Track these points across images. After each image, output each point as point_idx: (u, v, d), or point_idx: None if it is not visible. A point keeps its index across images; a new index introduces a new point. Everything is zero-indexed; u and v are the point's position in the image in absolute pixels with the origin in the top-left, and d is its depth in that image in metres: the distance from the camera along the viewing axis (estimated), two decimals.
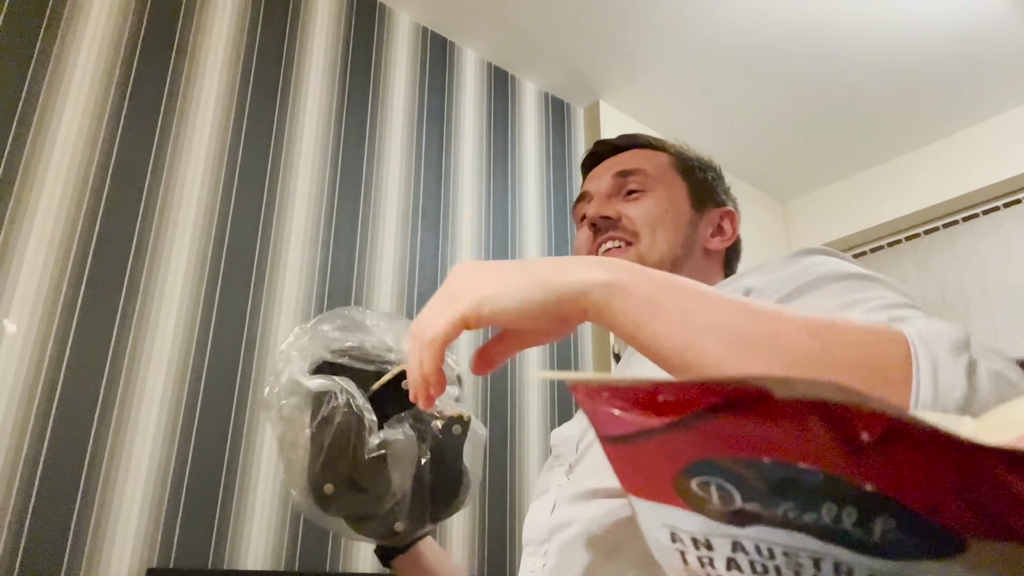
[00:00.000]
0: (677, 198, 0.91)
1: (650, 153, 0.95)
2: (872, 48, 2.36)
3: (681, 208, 0.91)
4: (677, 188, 0.92)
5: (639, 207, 0.89)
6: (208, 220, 1.67)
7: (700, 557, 0.25)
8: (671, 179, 0.92)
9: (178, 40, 1.76)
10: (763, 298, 0.67)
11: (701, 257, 0.91)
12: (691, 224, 0.91)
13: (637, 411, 0.23)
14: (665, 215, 0.89)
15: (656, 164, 0.93)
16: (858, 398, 0.19)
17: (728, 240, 0.94)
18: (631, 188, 0.91)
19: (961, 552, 0.20)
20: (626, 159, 0.94)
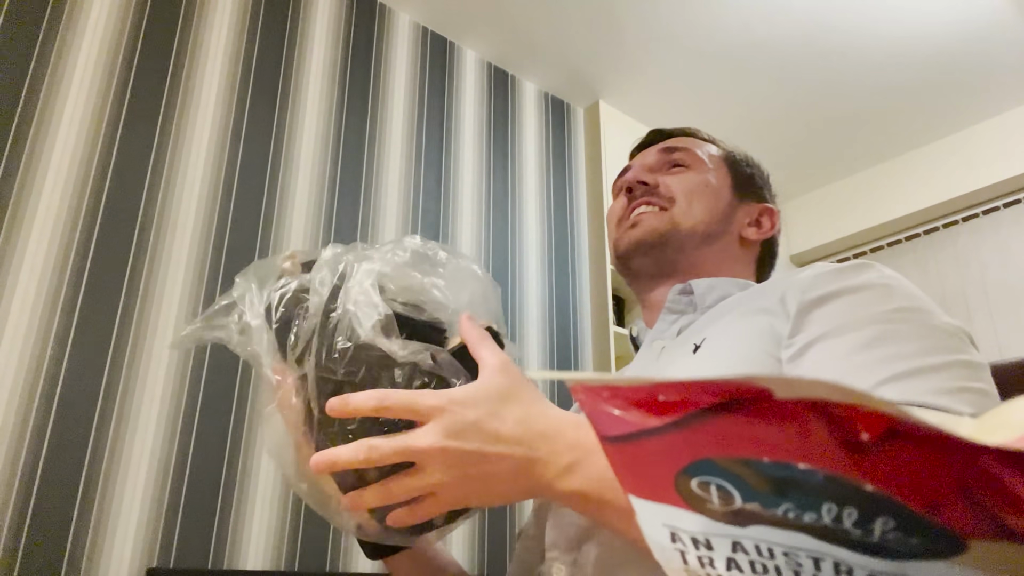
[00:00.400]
0: (720, 181, 0.89)
1: (699, 142, 0.94)
2: (871, 48, 2.36)
3: (722, 190, 0.89)
4: (721, 174, 0.91)
5: (680, 178, 0.87)
6: (208, 220, 1.67)
7: (700, 557, 0.25)
8: (717, 165, 0.91)
9: (178, 40, 1.76)
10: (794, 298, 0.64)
11: (734, 242, 0.89)
12: (730, 207, 0.89)
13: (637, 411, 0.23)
14: (706, 189, 0.87)
15: (704, 149, 0.92)
16: (858, 398, 0.19)
17: (765, 233, 0.91)
18: (675, 162, 0.90)
19: (961, 552, 0.20)
20: (675, 141, 0.94)
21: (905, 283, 0.64)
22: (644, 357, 0.81)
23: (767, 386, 0.20)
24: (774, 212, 0.93)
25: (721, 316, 0.73)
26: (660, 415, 0.23)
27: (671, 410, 0.22)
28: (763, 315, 0.66)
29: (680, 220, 0.84)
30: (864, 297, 0.62)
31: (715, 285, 0.80)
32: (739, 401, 0.21)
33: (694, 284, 0.80)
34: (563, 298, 2.32)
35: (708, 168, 0.89)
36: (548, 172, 2.46)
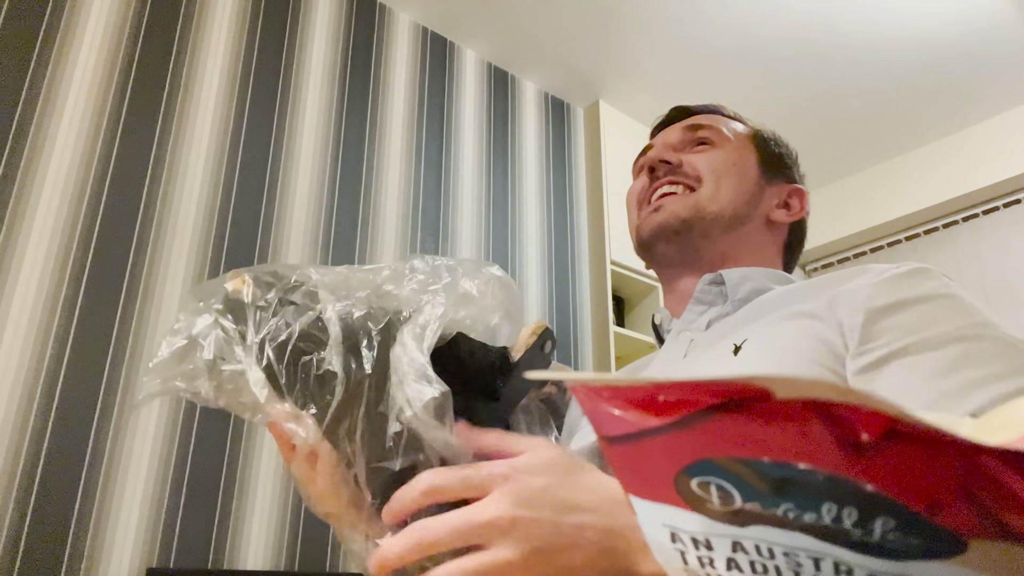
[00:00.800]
0: (747, 160, 0.84)
1: (725, 120, 0.89)
2: (872, 48, 2.36)
3: (750, 169, 0.83)
4: (748, 152, 0.85)
5: (705, 156, 0.82)
6: (208, 220, 1.67)
7: (700, 557, 0.25)
8: (743, 143, 0.86)
9: (178, 40, 1.76)
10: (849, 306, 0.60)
11: (762, 225, 0.83)
12: (757, 187, 0.83)
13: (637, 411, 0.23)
14: (733, 168, 0.82)
15: (730, 127, 0.87)
16: (858, 398, 0.19)
17: (795, 215, 0.86)
18: (700, 140, 0.84)
19: (961, 552, 0.20)
20: (704, 119, 0.89)
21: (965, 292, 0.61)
22: (671, 350, 0.76)
23: (767, 386, 0.20)
24: (804, 193, 0.88)
25: (761, 314, 0.69)
26: (660, 415, 0.23)
27: (671, 410, 0.22)
28: (809, 319, 0.62)
29: (706, 203, 0.79)
30: (936, 309, 0.58)
31: (748, 276, 0.76)
32: (739, 401, 0.21)
33: (725, 275, 0.76)
34: (563, 298, 2.32)
35: (735, 146, 0.84)
36: (548, 172, 2.46)
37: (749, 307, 0.71)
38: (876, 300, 0.59)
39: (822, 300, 0.63)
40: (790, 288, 0.72)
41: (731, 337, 0.67)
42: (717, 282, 0.76)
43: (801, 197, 0.87)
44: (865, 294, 0.61)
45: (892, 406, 0.19)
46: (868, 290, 0.61)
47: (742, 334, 0.66)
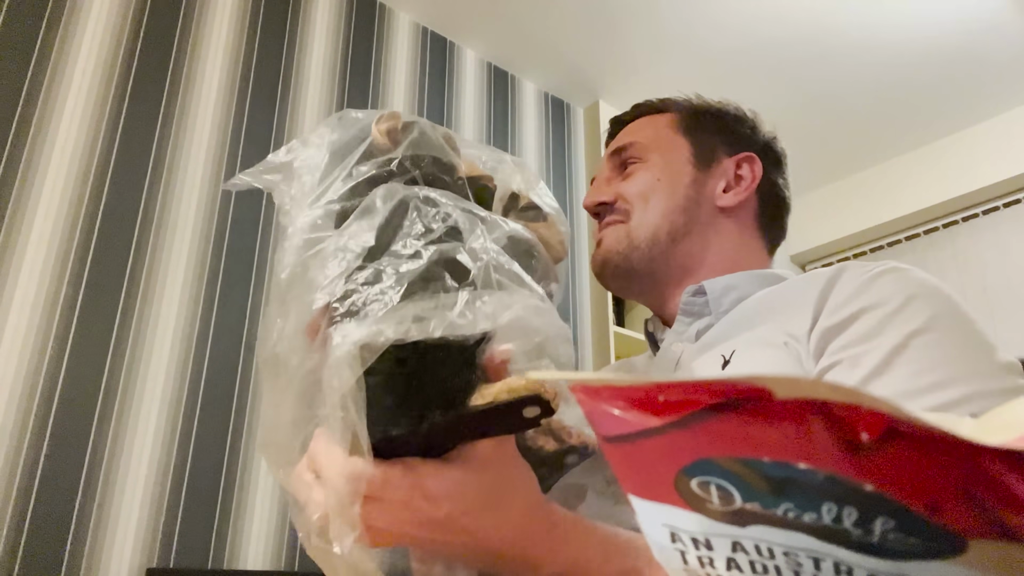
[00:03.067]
0: (675, 161, 0.82)
1: (651, 119, 0.87)
2: (872, 48, 2.36)
3: (679, 170, 0.81)
4: (677, 150, 0.83)
5: (631, 181, 0.81)
6: (208, 220, 1.68)
7: (700, 557, 0.25)
8: (669, 142, 0.83)
9: (178, 40, 1.76)
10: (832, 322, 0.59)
11: (714, 218, 0.81)
12: (694, 185, 0.81)
13: (637, 411, 0.23)
14: (657, 184, 0.80)
15: (653, 130, 0.85)
16: (858, 398, 0.19)
17: (747, 188, 0.82)
18: (625, 161, 0.84)
19: (961, 552, 0.20)
20: (625, 133, 0.87)
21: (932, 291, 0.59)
22: (662, 360, 0.76)
23: (767, 386, 0.20)
24: (752, 158, 0.83)
25: (746, 324, 0.68)
26: (660, 415, 0.23)
27: (671, 410, 0.22)
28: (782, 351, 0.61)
29: (635, 230, 0.78)
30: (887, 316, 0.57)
31: (732, 285, 0.74)
32: (739, 401, 0.21)
33: (707, 286, 0.75)
34: (563, 298, 2.32)
35: (660, 152, 0.82)
36: (548, 172, 2.46)
37: (732, 315, 0.71)
38: (835, 316, 0.60)
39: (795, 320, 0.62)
40: (771, 294, 0.71)
41: (719, 348, 0.67)
42: (700, 292, 0.75)
43: (751, 163, 0.83)
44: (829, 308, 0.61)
45: (892, 406, 0.19)
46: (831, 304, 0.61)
47: (729, 345, 0.66)
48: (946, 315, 0.57)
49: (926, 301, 0.58)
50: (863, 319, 0.58)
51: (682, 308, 0.76)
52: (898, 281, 0.60)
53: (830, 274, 0.65)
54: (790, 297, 0.66)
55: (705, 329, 0.73)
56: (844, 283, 0.63)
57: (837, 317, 0.59)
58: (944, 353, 0.54)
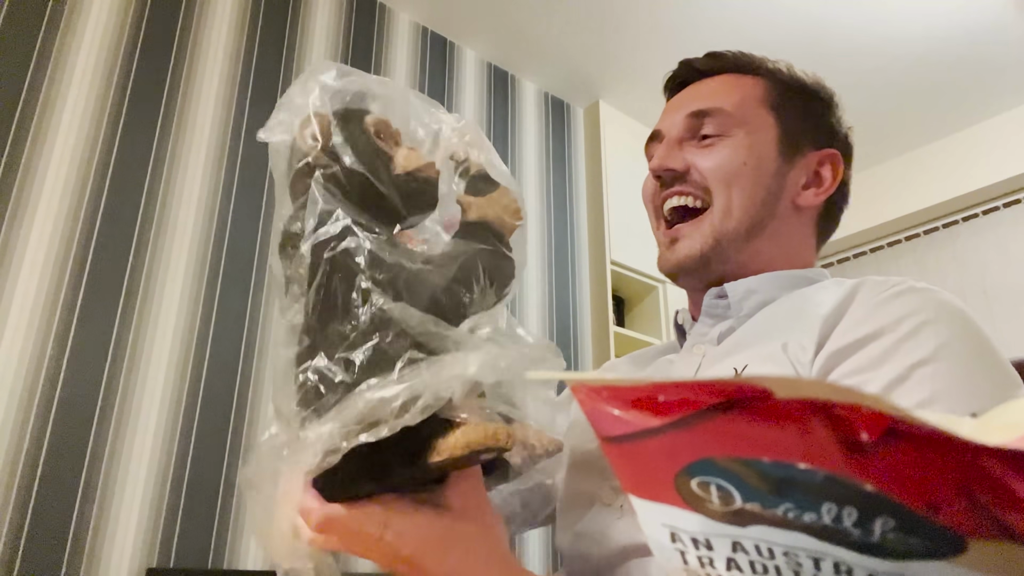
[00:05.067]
0: (762, 143, 0.75)
1: (738, 81, 0.78)
2: (872, 49, 2.36)
3: (765, 157, 0.74)
4: (764, 129, 0.75)
5: (712, 157, 0.74)
6: (208, 220, 1.67)
7: (700, 557, 0.25)
8: (758, 118, 0.76)
9: (178, 40, 1.76)
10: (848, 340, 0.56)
11: (788, 216, 0.75)
12: (777, 176, 0.75)
13: (637, 411, 0.23)
14: (743, 168, 0.73)
15: (741, 98, 0.76)
16: (858, 398, 0.19)
17: (824, 192, 0.77)
18: (705, 133, 0.75)
19: (961, 552, 0.20)
20: (707, 92, 0.78)
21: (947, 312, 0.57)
22: (685, 362, 0.73)
23: (767, 386, 0.20)
24: (836, 157, 0.78)
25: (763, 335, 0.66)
26: (660, 415, 0.23)
27: (671, 410, 0.22)
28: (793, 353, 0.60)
29: (719, 225, 0.72)
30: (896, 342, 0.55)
31: (754, 289, 0.71)
32: (739, 401, 0.21)
33: (729, 290, 0.72)
34: (563, 298, 2.32)
35: (747, 131, 0.74)
36: (548, 172, 2.46)
37: (754, 321, 0.69)
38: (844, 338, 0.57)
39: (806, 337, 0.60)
40: (792, 303, 0.68)
41: (733, 359, 0.65)
42: (722, 295, 0.73)
43: (834, 162, 0.78)
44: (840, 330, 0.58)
45: (892, 406, 0.19)
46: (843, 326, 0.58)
47: (743, 358, 0.64)
48: (958, 344, 0.54)
49: (938, 327, 0.55)
50: (870, 346, 0.56)
51: (705, 310, 0.74)
52: (911, 304, 0.57)
53: (846, 292, 0.62)
54: (808, 310, 0.64)
55: (728, 332, 0.71)
56: (858, 304, 0.60)
57: (845, 340, 0.57)
58: (947, 386, 0.52)
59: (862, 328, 0.57)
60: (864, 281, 0.63)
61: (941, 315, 0.56)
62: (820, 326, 0.59)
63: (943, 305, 0.57)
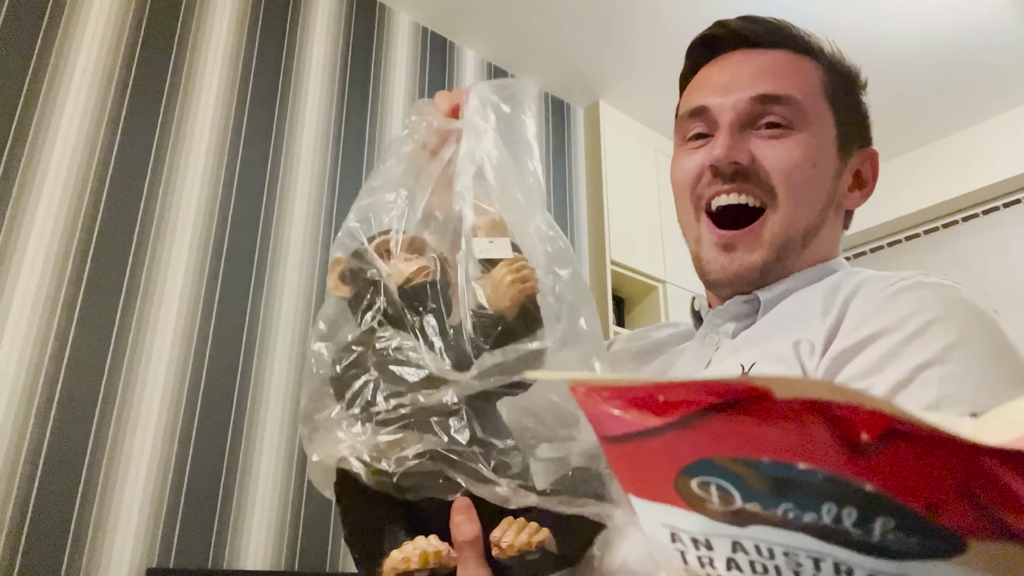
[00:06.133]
0: (825, 142, 0.67)
1: (800, 64, 0.70)
2: (872, 48, 2.36)
3: (828, 157, 0.67)
4: (826, 125, 0.68)
5: (783, 153, 0.65)
6: (208, 220, 1.68)
7: (700, 557, 0.25)
8: (821, 112, 0.68)
9: (178, 40, 1.76)
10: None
11: (835, 218, 0.70)
12: (835, 179, 0.68)
13: (637, 411, 0.23)
14: (813, 171, 0.65)
15: (807, 86, 0.68)
16: (858, 398, 0.19)
17: (868, 194, 0.72)
18: (773, 121, 0.66)
19: (961, 552, 0.20)
20: (768, 70, 0.69)
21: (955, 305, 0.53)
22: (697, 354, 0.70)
23: (767, 386, 0.20)
24: (876, 157, 0.72)
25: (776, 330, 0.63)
26: (660, 415, 0.23)
27: (671, 410, 0.22)
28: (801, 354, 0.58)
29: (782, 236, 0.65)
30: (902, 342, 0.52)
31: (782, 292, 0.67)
32: (739, 401, 0.21)
33: (763, 300, 0.67)
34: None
35: (814, 127, 0.67)
36: (548, 172, 2.46)
37: (768, 317, 0.66)
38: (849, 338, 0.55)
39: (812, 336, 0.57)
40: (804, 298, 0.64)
41: (746, 352, 0.62)
42: (753, 301, 0.68)
43: (873, 161, 0.72)
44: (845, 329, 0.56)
45: (892, 406, 0.19)
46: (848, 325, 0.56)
47: (753, 354, 0.61)
48: (969, 343, 0.51)
49: (947, 326, 0.52)
50: (874, 346, 0.53)
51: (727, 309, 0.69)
52: (917, 301, 0.54)
53: (852, 287, 0.60)
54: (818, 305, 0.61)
55: (743, 328, 0.68)
56: (861, 300, 0.57)
57: (849, 341, 0.55)
58: (957, 390, 0.48)
59: (865, 328, 0.54)
60: (871, 276, 0.61)
61: (951, 312, 0.53)
62: (827, 324, 0.57)
63: (953, 302, 0.54)
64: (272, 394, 1.64)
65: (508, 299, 0.59)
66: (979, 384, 0.49)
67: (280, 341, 1.69)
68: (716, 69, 0.74)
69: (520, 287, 0.59)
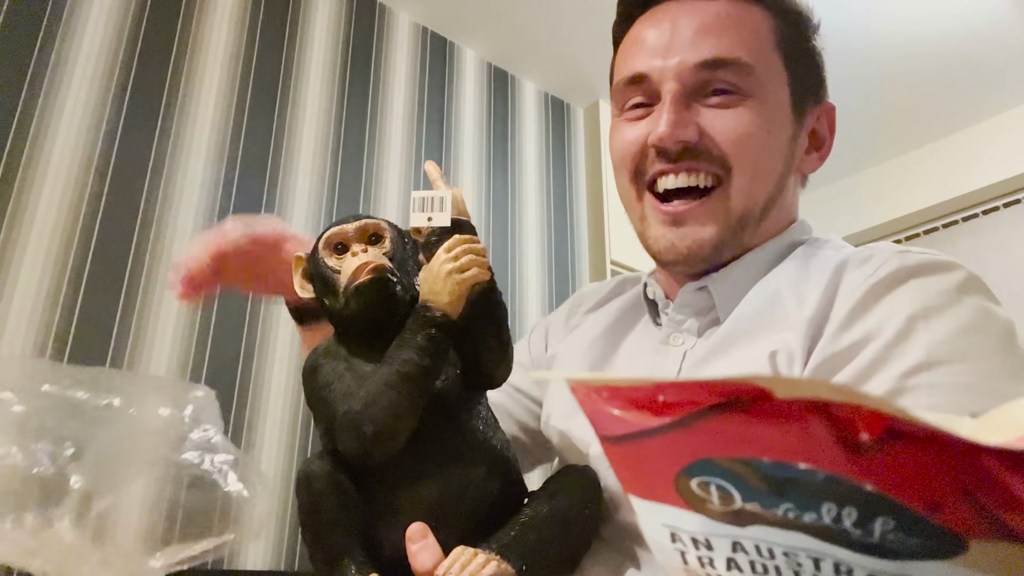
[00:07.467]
0: (780, 103, 0.61)
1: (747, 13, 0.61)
2: (872, 48, 2.36)
3: (783, 120, 0.61)
4: (780, 84, 0.61)
5: (733, 123, 0.59)
6: (208, 220, 1.68)
7: (700, 557, 0.25)
8: (773, 69, 0.61)
9: (178, 40, 1.76)
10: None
11: (793, 187, 0.65)
12: (791, 142, 0.62)
13: (637, 411, 0.23)
14: (767, 138, 0.59)
15: (756, 42, 0.61)
16: (858, 398, 0.19)
17: (826, 154, 0.66)
18: (722, 88, 0.59)
19: (961, 552, 0.20)
20: (713, 23, 0.61)
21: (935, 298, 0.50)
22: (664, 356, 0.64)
23: (767, 386, 0.20)
24: (833, 111, 0.67)
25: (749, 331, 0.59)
26: (660, 415, 0.23)
27: (671, 410, 0.22)
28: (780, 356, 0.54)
29: (739, 210, 0.60)
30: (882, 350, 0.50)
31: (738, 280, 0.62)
32: (739, 401, 0.21)
33: (713, 290, 0.62)
34: (563, 298, 2.32)
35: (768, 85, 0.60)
36: (548, 172, 2.46)
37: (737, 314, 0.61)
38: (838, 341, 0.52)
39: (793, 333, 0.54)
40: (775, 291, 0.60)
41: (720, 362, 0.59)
42: (703, 289, 0.63)
43: (830, 117, 0.67)
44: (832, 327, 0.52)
45: (892, 406, 0.19)
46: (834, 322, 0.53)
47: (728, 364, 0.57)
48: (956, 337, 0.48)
49: (930, 323, 0.49)
50: (862, 354, 0.50)
51: (681, 301, 0.65)
52: (897, 298, 0.51)
53: (828, 279, 0.56)
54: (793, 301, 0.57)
55: (710, 324, 0.63)
56: (844, 297, 0.54)
57: (833, 349, 0.52)
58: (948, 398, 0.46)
59: (849, 334, 0.51)
60: (847, 262, 0.57)
61: (932, 306, 0.50)
62: (807, 328, 0.53)
63: (934, 294, 0.50)
64: (272, 394, 1.64)
65: (448, 295, 0.50)
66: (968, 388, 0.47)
67: (280, 341, 1.69)
68: (653, 24, 0.66)
69: (459, 279, 0.50)
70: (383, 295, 0.52)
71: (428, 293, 0.51)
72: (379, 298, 0.52)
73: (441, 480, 0.50)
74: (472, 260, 0.51)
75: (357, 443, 0.49)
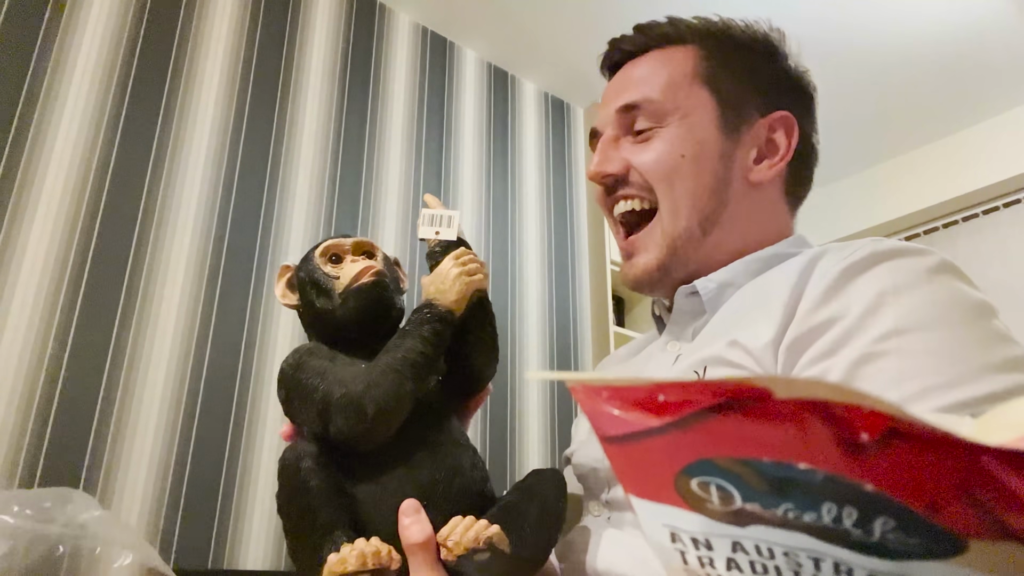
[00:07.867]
0: (700, 126, 0.68)
1: (665, 57, 0.71)
2: (871, 49, 2.36)
3: (706, 141, 0.67)
4: (700, 110, 0.68)
5: (648, 153, 0.68)
6: (208, 220, 1.68)
7: (700, 557, 0.25)
8: (691, 98, 0.68)
9: (178, 40, 1.76)
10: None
11: (745, 196, 0.69)
12: (723, 158, 0.68)
13: (637, 411, 0.23)
14: (682, 161, 0.66)
15: (669, 80, 0.69)
16: (858, 398, 0.19)
17: (780, 161, 0.69)
18: (639, 128, 0.69)
19: (961, 552, 0.20)
20: (636, 78, 0.71)
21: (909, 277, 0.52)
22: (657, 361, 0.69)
23: (767, 386, 0.20)
24: (788, 119, 0.70)
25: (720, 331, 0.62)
26: (660, 415, 0.23)
27: (671, 410, 0.22)
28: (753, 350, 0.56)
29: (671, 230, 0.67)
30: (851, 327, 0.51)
31: (727, 281, 0.66)
32: (739, 401, 0.21)
33: (700, 287, 0.67)
34: (563, 298, 2.32)
35: (682, 112, 0.68)
36: (548, 172, 2.46)
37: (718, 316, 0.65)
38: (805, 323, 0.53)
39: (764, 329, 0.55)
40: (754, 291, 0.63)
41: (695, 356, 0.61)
42: (693, 292, 0.68)
43: (787, 125, 0.70)
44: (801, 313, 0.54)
45: (892, 406, 0.19)
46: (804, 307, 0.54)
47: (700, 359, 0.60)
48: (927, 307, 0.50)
49: (900, 297, 0.51)
50: (833, 329, 0.52)
51: (678, 308, 0.69)
52: (870, 278, 0.53)
53: (803, 265, 0.58)
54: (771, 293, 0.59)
55: (701, 328, 0.67)
56: (815, 280, 0.56)
57: (804, 327, 0.53)
58: (916, 363, 0.47)
59: (820, 313, 0.53)
60: (824, 251, 0.59)
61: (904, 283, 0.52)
62: (781, 312, 0.55)
63: (906, 272, 0.52)
64: (272, 394, 1.64)
65: (455, 294, 0.57)
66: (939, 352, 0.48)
67: (280, 340, 1.69)
68: (606, 90, 0.77)
69: (467, 280, 0.58)
70: (383, 296, 0.59)
71: (435, 292, 0.58)
72: (380, 298, 0.59)
73: (432, 464, 0.54)
74: (477, 268, 0.59)
75: (357, 421, 0.51)
